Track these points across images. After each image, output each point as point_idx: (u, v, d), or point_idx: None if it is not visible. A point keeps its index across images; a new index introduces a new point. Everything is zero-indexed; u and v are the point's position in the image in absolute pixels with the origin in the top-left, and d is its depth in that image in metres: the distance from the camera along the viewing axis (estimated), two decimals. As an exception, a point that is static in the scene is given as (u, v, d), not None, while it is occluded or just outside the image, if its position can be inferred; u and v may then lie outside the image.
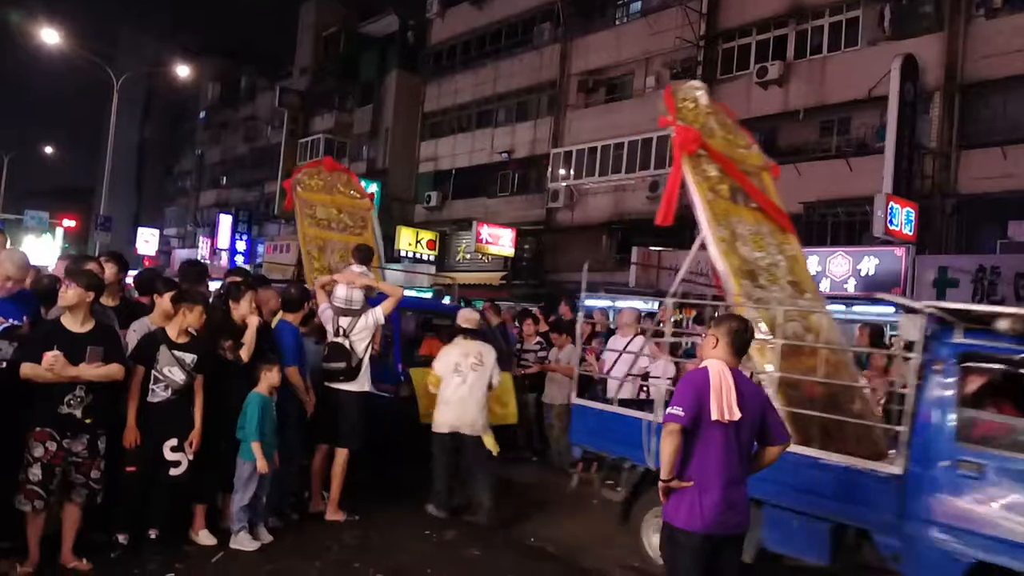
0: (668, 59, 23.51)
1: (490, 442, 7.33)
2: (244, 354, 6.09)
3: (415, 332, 10.56)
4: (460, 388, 7.34)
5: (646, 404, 6.96)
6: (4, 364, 5.01)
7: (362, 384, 7.06)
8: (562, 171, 25.50)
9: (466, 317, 7.80)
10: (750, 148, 7.84)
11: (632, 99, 24.60)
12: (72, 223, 40.99)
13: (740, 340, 4.24)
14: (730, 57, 21.88)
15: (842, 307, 16.63)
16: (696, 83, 7.31)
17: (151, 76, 46.62)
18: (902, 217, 15.79)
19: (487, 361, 7.43)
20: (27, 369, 4.91)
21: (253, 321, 6.18)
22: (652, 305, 18.04)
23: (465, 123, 31.06)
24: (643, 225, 23.31)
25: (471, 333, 7.62)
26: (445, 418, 7.35)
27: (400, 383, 8.79)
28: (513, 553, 6.62)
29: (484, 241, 25.70)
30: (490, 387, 7.48)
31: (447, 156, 31.30)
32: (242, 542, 5.93)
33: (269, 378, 6.08)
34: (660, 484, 4.14)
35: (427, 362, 8.49)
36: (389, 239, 30.43)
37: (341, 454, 6.98)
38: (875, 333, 9.47)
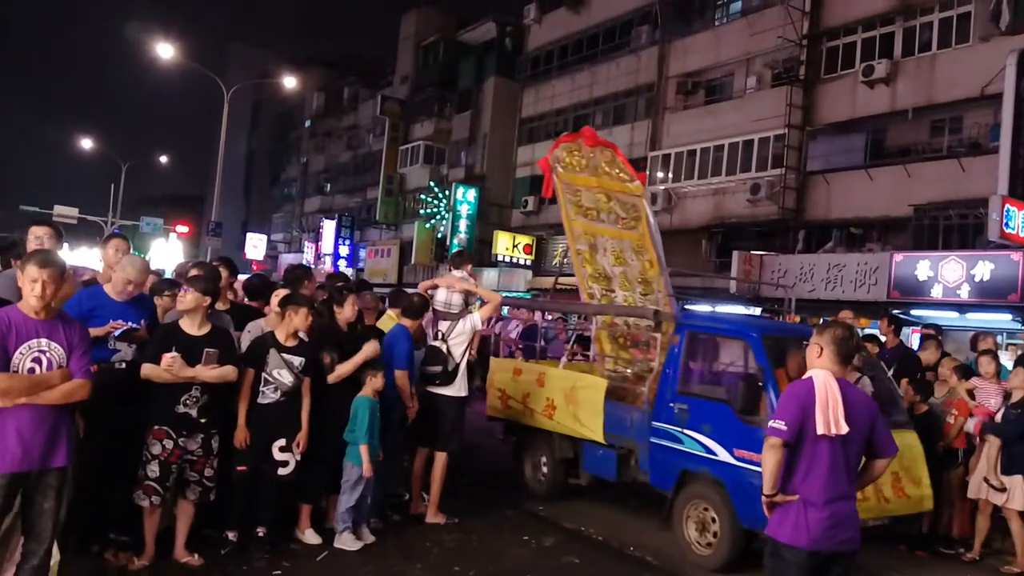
0: (769, 59, 23.02)
1: None
2: (343, 368, 6.16)
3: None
4: None
5: None
6: (124, 365, 5.26)
7: (459, 389, 7.13)
8: (660, 174, 25.27)
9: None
10: None
11: (732, 100, 24.19)
12: (185, 229, 42.64)
13: (846, 348, 4.04)
14: (834, 56, 21.28)
15: (955, 314, 16.04)
16: None
17: (258, 88, 48.12)
18: (1019, 220, 15.09)
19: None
20: (147, 369, 5.16)
21: (369, 350, 6.24)
22: (755, 311, 17.75)
23: (562, 127, 30.95)
24: (744, 229, 22.96)
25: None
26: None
27: None
28: (613, 562, 6.63)
29: (581, 245, 25.63)
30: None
31: (544, 161, 31.37)
32: (345, 542, 6.08)
33: (374, 383, 6.21)
34: (763, 499, 4.03)
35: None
36: (487, 243, 30.82)
37: (440, 458, 7.08)
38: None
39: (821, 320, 10.81)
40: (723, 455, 6.46)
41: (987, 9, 18.09)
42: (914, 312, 16.51)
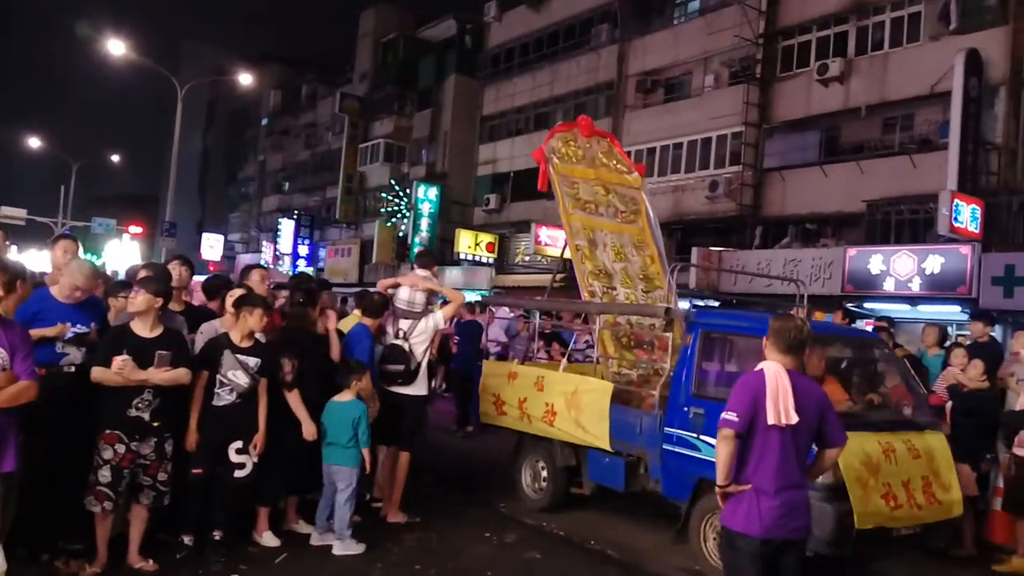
0: (727, 58, 23.25)
1: None
2: (335, 354, 6.49)
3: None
4: None
5: None
6: (73, 368, 5.18)
7: (420, 388, 7.11)
8: (620, 172, 25.36)
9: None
10: None
11: (691, 99, 24.38)
12: (139, 230, 41.97)
13: (786, 339, 4.12)
14: (790, 55, 21.54)
15: (907, 307, 16.35)
16: None
17: (214, 85, 47.48)
18: (967, 214, 15.44)
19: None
20: (97, 373, 5.06)
21: (332, 323, 6.53)
22: (713, 304, 17.90)
23: (523, 125, 31.11)
24: (703, 225, 23.17)
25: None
26: None
27: None
28: (574, 556, 6.64)
29: (542, 243, 25.67)
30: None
31: (505, 159, 31.40)
32: (351, 547, 6.09)
33: (359, 385, 6.30)
34: (717, 490, 4.12)
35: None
36: (448, 242, 30.75)
37: (404, 457, 7.07)
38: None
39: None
40: None
41: (936, 9, 18.45)
42: (867, 305, 16.81)
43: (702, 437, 6.26)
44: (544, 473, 7.94)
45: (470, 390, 11.32)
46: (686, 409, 6.49)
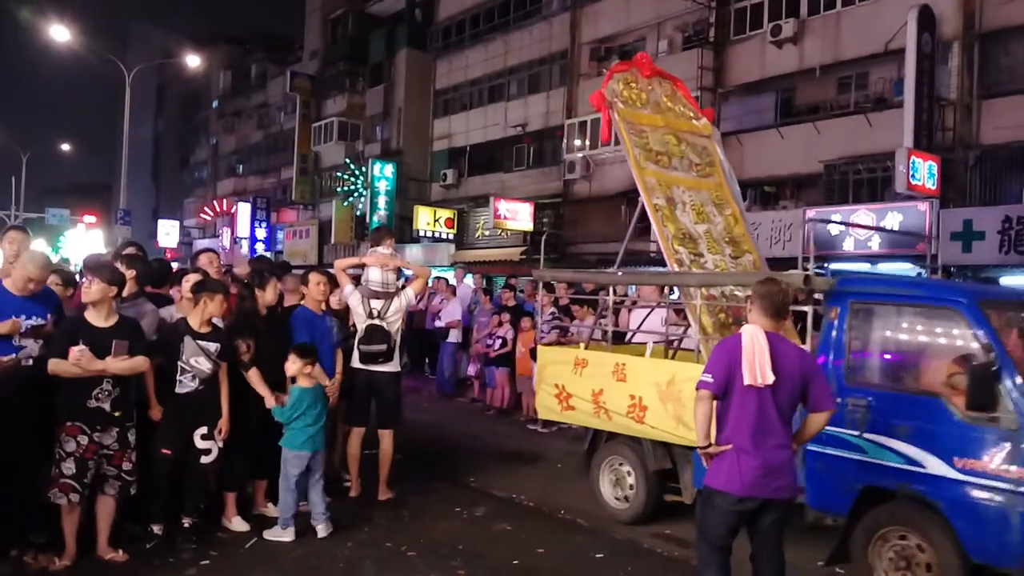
0: (680, 22, 23.18)
1: None
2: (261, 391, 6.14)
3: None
4: None
5: None
6: (31, 361, 5.08)
7: (395, 365, 7.15)
8: (577, 142, 25.27)
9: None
10: None
11: (645, 65, 24.28)
12: (93, 219, 41.28)
13: (772, 303, 4.27)
14: (743, 17, 21.48)
15: (868, 266, 16.47)
16: None
17: (162, 68, 46.62)
18: (924, 171, 15.55)
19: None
20: (54, 365, 4.97)
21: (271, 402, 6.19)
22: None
23: (477, 99, 30.85)
24: (661, 192, 23.14)
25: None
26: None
27: None
28: (544, 526, 6.66)
29: (502, 216, 25.57)
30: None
31: (461, 133, 31.15)
32: (321, 532, 6.03)
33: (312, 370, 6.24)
34: (699, 451, 4.27)
35: None
36: (407, 219, 30.47)
37: (388, 435, 7.11)
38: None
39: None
40: (935, 467, 4.86)
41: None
42: (828, 266, 16.87)
43: (867, 436, 5.16)
44: (630, 479, 6.84)
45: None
46: (839, 401, 5.09)
